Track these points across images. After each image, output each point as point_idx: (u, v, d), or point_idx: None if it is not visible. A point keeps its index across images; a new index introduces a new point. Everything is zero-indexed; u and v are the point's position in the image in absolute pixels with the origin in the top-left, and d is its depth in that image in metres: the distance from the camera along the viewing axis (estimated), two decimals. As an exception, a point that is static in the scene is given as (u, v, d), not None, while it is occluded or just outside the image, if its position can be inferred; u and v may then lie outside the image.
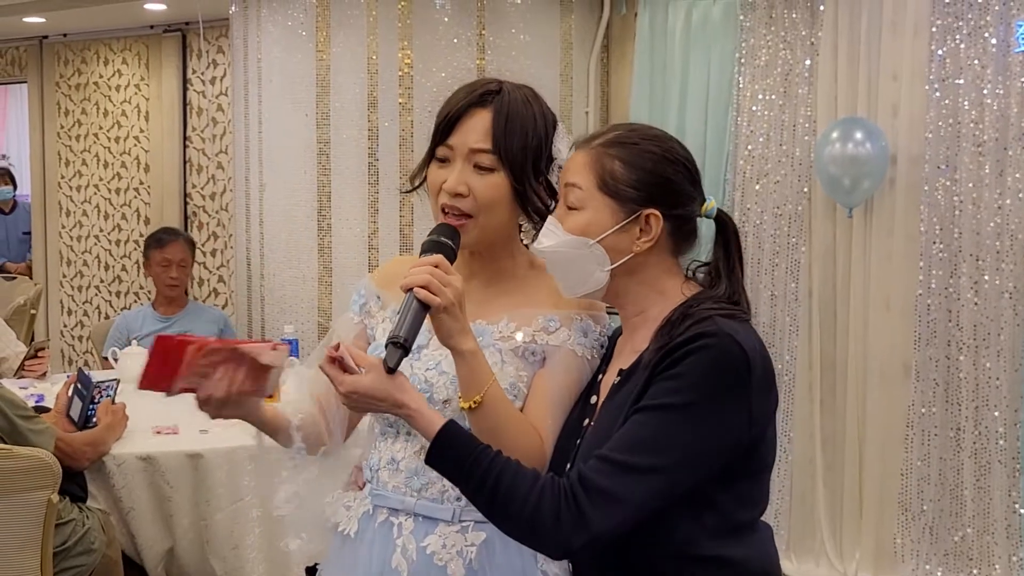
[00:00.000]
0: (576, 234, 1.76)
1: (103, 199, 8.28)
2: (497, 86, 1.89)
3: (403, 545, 1.88)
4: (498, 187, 1.86)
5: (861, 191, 4.56)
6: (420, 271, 1.72)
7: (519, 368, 1.88)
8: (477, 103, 1.87)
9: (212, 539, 3.57)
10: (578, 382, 1.89)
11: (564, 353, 1.89)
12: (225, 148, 7.52)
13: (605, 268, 1.77)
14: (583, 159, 1.79)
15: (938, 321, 4.50)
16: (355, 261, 5.09)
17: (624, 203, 1.76)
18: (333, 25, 5.07)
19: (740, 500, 1.73)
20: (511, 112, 1.86)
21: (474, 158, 1.85)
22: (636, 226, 1.76)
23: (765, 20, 4.88)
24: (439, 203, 1.88)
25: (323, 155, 5.15)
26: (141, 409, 3.89)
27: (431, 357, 1.88)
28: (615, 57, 5.53)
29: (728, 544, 1.70)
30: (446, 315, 1.72)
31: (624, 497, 1.61)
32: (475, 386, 1.77)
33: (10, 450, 3.00)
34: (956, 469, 4.49)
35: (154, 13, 7.43)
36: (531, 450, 1.81)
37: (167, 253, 5.19)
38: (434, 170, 1.89)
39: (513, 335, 1.89)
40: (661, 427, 1.63)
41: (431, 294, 1.70)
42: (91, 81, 8.26)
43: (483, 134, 1.85)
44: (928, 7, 4.47)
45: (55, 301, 8.51)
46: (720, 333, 1.65)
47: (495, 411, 1.78)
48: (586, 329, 1.91)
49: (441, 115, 1.89)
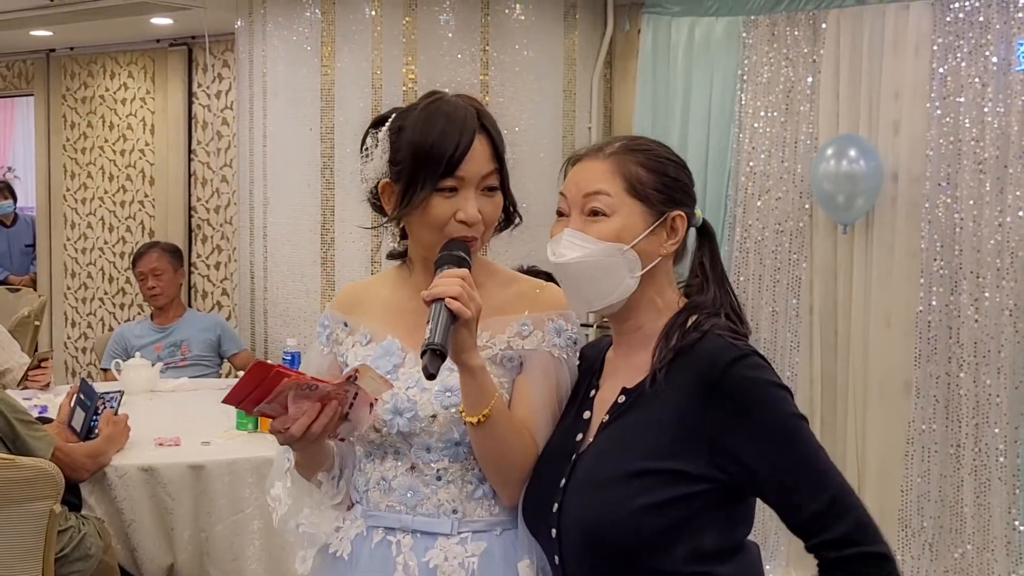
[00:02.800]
0: (610, 240, 1.76)
1: (108, 211, 8.31)
2: (474, 107, 1.88)
3: (404, 563, 1.88)
4: (499, 205, 1.89)
5: (856, 208, 4.58)
6: (452, 283, 1.71)
7: (499, 376, 1.88)
8: (477, 131, 1.86)
9: (212, 550, 3.56)
10: (558, 383, 1.90)
11: (541, 356, 1.89)
12: (230, 162, 7.56)
13: (636, 274, 1.77)
14: (603, 167, 1.79)
15: (938, 338, 4.51)
16: (358, 275, 5.10)
17: (653, 206, 1.78)
18: (338, 40, 5.10)
19: (736, 520, 1.75)
20: (495, 128, 1.88)
21: (485, 182, 1.86)
22: (663, 229, 1.79)
23: (767, 37, 4.90)
24: (445, 233, 1.85)
25: (327, 169, 5.17)
26: (143, 421, 3.91)
27: (408, 375, 1.88)
28: (618, 73, 5.55)
29: (720, 564, 1.71)
30: (465, 329, 1.72)
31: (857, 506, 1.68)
32: (483, 401, 1.77)
33: (12, 460, 3.02)
34: (956, 486, 4.49)
35: (161, 27, 7.47)
36: (530, 458, 1.84)
37: (141, 266, 5.26)
38: (439, 202, 1.84)
39: (488, 344, 1.89)
40: (803, 442, 1.69)
41: (463, 306, 1.70)
42: (97, 94, 8.30)
43: (487, 158, 1.86)
44: (929, 25, 4.50)
45: (59, 313, 8.54)
46: (753, 351, 1.71)
47: (501, 424, 1.79)
48: (559, 329, 1.91)
49: (443, 150, 1.82)
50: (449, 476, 1.88)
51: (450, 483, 1.88)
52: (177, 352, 5.20)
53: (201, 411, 4.27)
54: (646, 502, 1.67)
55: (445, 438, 1.86)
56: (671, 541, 1.68)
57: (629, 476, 1.69)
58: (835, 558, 1.64)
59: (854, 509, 1.66)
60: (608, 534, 1.69)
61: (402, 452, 1.90)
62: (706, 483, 1.68)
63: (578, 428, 1.83)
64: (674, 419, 1.69)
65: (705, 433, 1.67)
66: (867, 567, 1.63)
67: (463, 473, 1.88)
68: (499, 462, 1.83)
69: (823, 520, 1.64)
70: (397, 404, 1.87)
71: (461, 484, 1.88)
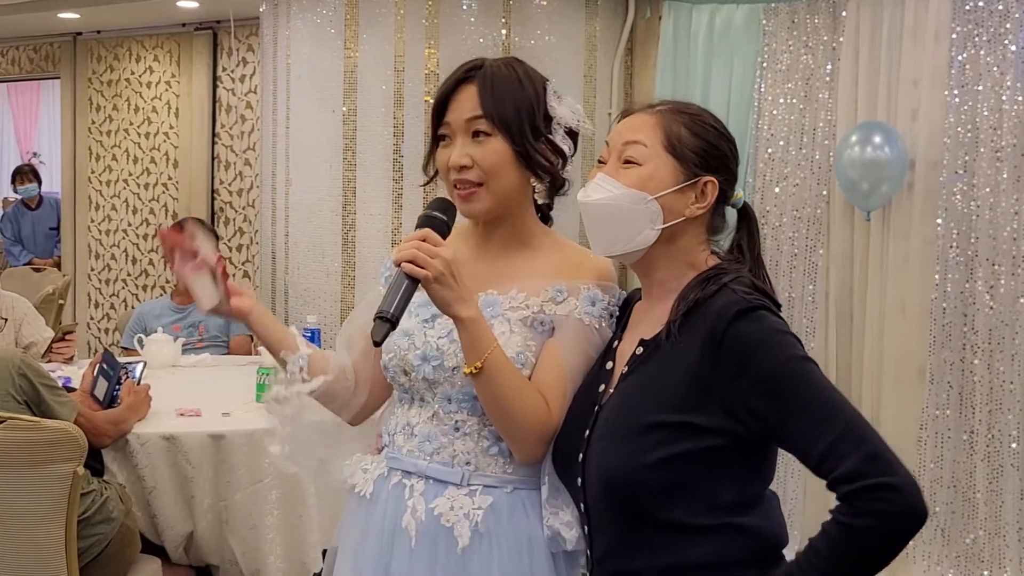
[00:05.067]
0: (634, 187, 1.80)
1: (132, 194, 8.40)
2: (480, 61, 1.98)
3: (413, 506, 1.94)
4: (498, 152, 1.92)
5: (879, 195, 4.60)
6: (407, 246, 1.78)
7: (527, 338, 1.92)
8: (463, 79, 1.96)
9: (231, 519, 3.61)
10: (586, 351, 1.93)
11: (571, 323, 1.93)
12: (253, 145, 7.63)
13: (656, 226, 1.80)
14: (648, 120, 1.83)
15: (953, 325, 4.53)
16: (379, 256, 5.14)
17: (687, 166, 1.80)
18: (361, 23, 5.15)
19: (755, 472, 1.77)
20: (495, 79, 1.94)
21: (471, 127, 1.93)
22: (693, 191, 1.81)
23: (787, 25, 4.93)
24: (450, 182, 1.95)
25: (348, 151, 5.22)
26: (165, 392, 3.98)
27: (444, 326, 1.93)
28: (639, 60, 5.58)
29: (740, 513, 1.74)
30: (438, 285, 1.77)
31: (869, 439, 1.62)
32: (476, 352, 1.82)
33: (38, 422, 3.08)
34: (969, 472, 4.52)
35: (186, 11, 7.54)
36: (537, 416, 1.86)
37: None
38: (440, 152, 1.97)
39: (522, 305, 1.94)
40: (805, 381, 1.66)
41: (417, 267, 1.76)
42: (123, 77, 8.39)
43: (473, 103, 1.93)
44: (949, 13, 4.52)
45: (83, 293, 8.63)
46: (762, 305, 1.71)
47: (498, 376, 1.83)
48: (593, 298, 1.95)
49: (434, 101, 1.99)
50: (466, 428, 1.93)
51: (467, 435, 1.93)
52: (195, 333, 5.26)
53: (221, 384, 4.35)
54: (662, 455, 1.70)
55: (465, 390, 1.91)
56: (687, 493, 1.71)
57: (644, 429, 1.72)
58: (845, 492, 1.59)
59: (866, 442, 1.60)
60: (625, 486, 1.73)
61: (427, 400, 1.96)
62: (721, 436, 1.70)
63: (601, 379, 1.87)
64: (687, 372, 1.72)
65: (715, 385, 1.69)
66: (874, 500, 1.57)
67: (480, 428, 1.93)
68: (500, 416, 1.87)
69: (834, 456, 1.60)
70: (426, 351, 1.93)
71: (477, 438, 1.93)
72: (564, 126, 1.97)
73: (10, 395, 3.18)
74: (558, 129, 1.97)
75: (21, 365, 3.23)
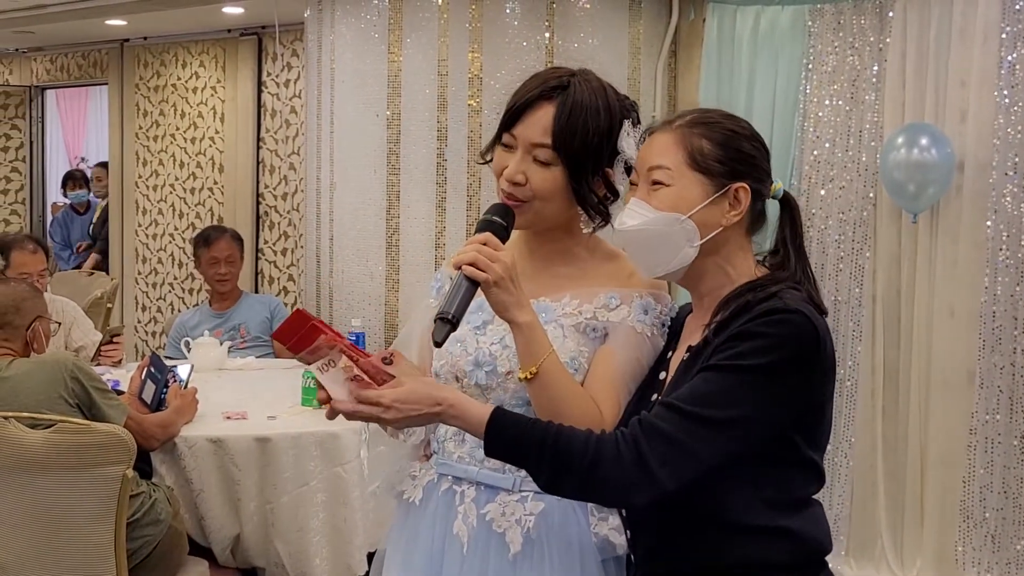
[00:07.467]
0: (667, 211, 1.80)
1: (178, 198, 8.47)
2: (567, 80, 1.93)
3: (464, 512, 1.94)
4: (554, 180, 1.91)
5: (926, 197, 4.55)
6: (468, 249, 1.79)
7: (580, 344, 1.92)
8: (543, 96, 1.91)
9: (277, 522, 3.64)
10: (638, 359, 1.93)
11: (624, 330, 1.93)
12: (297, 150, 7.67)
13: (695, 243, 1.81)
14: (667, 140, 1.83)
15: (1003, 328, 4.47)
16: (423, 259, 5.17)
17: (714, 178, 1.81)
18: (405, 28, 5.17)
19: (797, 476, 1.78)
20: (575, 108, 1.89)
21: (534, 151, 1.90)
22: (725, 200, 1.81)
23: (833, 26, 4.89)
24: (501, 187, 1.95)
25: (392, 155, 5.24)
26: (212, 395, 4.01)
27: (495, 332, 1.94)
28: (683, 62, 5.56)
29: (784, 516, 1.74)
30: (497, 289, 1.78)
31: (682, 441, 1.66)
32: (532, 357, 1.82)
33: (88, 425, 3.11)
34: (1019, 478, 4.45)
35: (232, 17, 7.60)
36: (590, 422, 1.85)
37: (214, 251, 5.35)
38: (499, 153, 1.96)
39: (575, 311, 1.94)
40: (731, 384, 1.68)
41: (478, 270, 1.77)
42: (169, 83, 8.47)
43: (544, 129, 1.90)
44: (998, 13, 4.46)
45: (130, 297, 8.72)
46: (796, 311, 1.70)
47: (553, 382, 1.83)
48: (647, 307, 1.95)
49: (511, 103, 1.95)
50: None
51: None
52: (237, 335, 5.30)
53: (267, 388, 4.37)
54: None
55: (518, 396, 1.92)
56: (728, 492, 1.72)
57: None
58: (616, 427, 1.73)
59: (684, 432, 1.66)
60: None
61: None
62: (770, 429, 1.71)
63: (654, 389, 1.89)
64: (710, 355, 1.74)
65: None
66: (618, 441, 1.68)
67: None
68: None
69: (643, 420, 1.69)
70: (479, 357, 1.94)
71: None
72: (625, 161, 1.94)
73: (62, 398, 3.22)
74: (619, 164, 1.94)
75: (73, 368, 3.27)
